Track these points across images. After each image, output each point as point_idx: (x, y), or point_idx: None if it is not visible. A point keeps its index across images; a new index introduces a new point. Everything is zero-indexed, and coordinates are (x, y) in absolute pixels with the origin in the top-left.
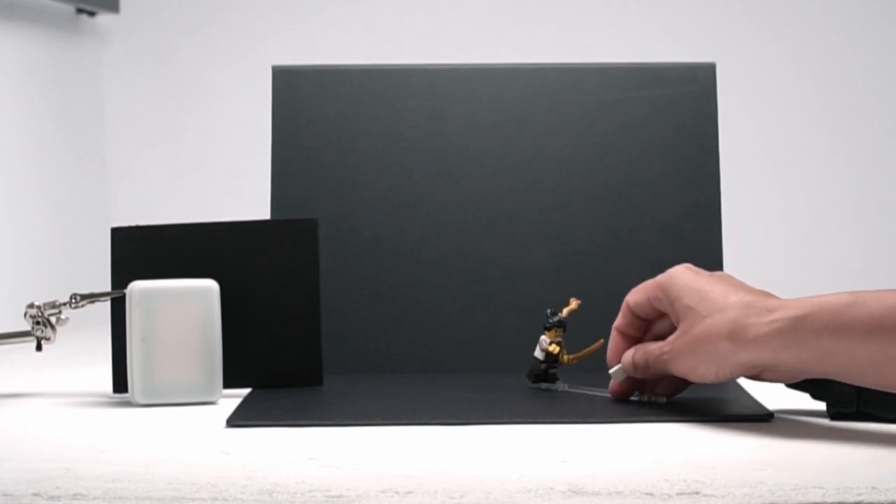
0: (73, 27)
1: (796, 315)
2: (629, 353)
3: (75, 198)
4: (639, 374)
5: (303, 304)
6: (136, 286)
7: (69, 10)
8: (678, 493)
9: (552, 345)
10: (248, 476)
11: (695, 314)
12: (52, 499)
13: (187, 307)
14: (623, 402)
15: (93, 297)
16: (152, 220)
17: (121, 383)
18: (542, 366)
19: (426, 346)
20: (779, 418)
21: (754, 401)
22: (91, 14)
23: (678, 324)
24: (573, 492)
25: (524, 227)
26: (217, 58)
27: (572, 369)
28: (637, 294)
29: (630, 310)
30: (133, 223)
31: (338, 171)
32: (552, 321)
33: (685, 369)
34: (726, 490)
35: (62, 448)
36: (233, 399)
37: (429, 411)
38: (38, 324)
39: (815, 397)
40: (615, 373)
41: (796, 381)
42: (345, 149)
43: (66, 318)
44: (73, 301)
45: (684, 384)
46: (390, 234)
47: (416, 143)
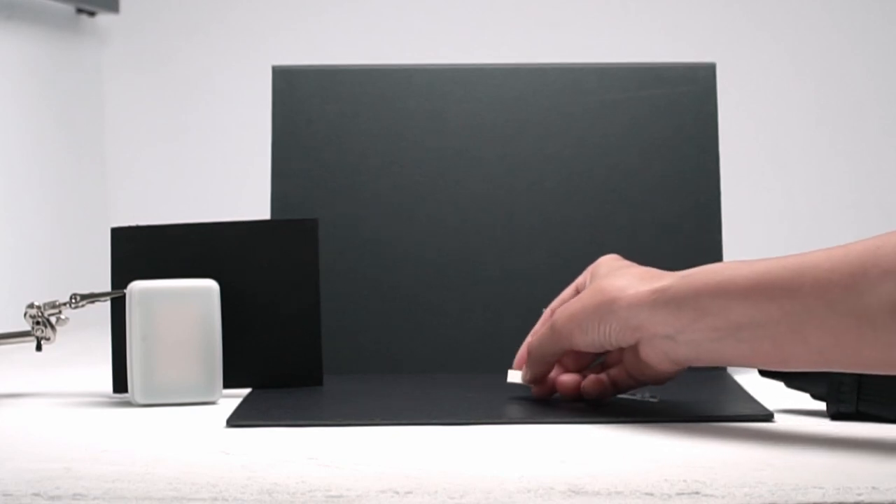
0: (73, 27)
1: (679, 275)
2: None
3: (75, 198)
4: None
5: (303, 304)
6: (136, 286)
7: (69, 10)
8: (678, 493)
9: None
10: (248, 476)
11: (596, 279)
12: (52, 499)
13: (187, 307)
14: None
15: (93, 297)
16: (152, 220)
17: (121, 383)
18: None
19: (426, 346)
20: (779, 418)
21: (754, 401)
22: (91, 14)
23: None
24: (573, 492)
25: (524, 227)
26: (217, 58)
27: None
28: (561, 297)
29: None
30: (133, 223)
31: (338, 171)
32: None
33: (572, 327)
34: (726, 490)
35: (62, 448)
36: (233, 399)
37: (429, 411)
38: (38, 324)
39: (815, 397)
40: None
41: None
42: (345, 149)
43: (66, 318)
44: (73, 301)
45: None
46: (390, 234)
47: (416, 143)
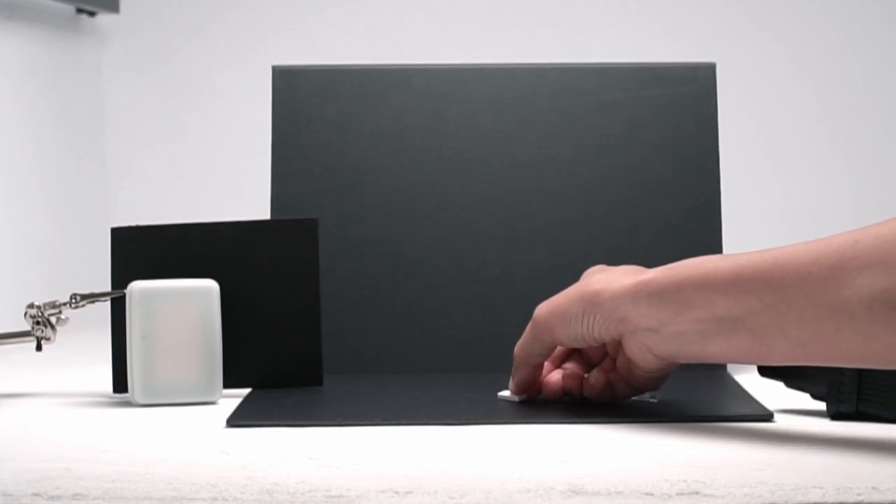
0: (73, 27)
1: (662, 269)
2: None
3: (75, 198)
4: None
5: (303, 304)
6: (136, 286)
7: (69, 10)
8: (678, 493)
9: None
10: (248, 476)
11: (582, 279)
12: (52, 499)
13: (187, 307)
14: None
15: (93, 297)
16: (152, 220)
17: (121, 383)
18: None
19: (426, 346)
20: (779, 418)
21: (754, 401)
22: (91, 14)
23: None
24: (573, 492)
25: (524, 227)
26: (217, 58)
27: None
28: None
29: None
30: (133, 223)
31: (338, 171)
32: None
33: (555, 321)
34: (726, 490)
35: (62, 448)
36: (233, 399)
37: (429, 411)
38: (38, 324)
39: (815, 397)
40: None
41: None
42: (345, 149)
43: (66, 318)
44: (73, 301)
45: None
46: (390, 234)
47: (416, 143)
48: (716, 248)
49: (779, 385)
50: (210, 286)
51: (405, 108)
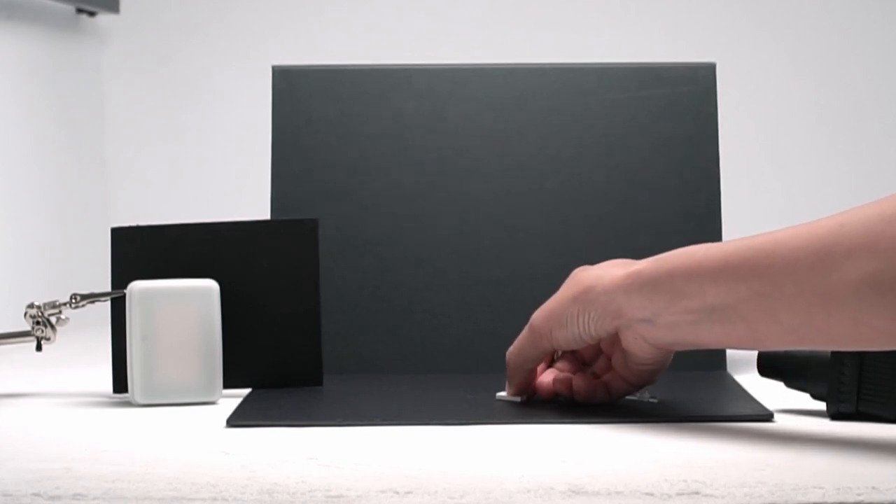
0: (73, 27)
1: (652, 259)
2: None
3: (75, 198)
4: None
5: (303, 304)
6: (136, 286)
7: (69, 10)
8: (678, 493)
9: None
10: (248, 476)
11: (571, 276)
12: (52, 499)
13: (187, 307)
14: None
15: (93, 297)
16: (152, 220)
17: (121, 383)
18: None
19: (426, 346)
20: (779, 418)
21: (754, 401)
22: (91, 14)
23: None
24: (573, 492)
25: (524, 228)
26: (217, 58)
27: None
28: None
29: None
30: (133, 223)
31: (338, 171)
32: None
33: (553, 324)
34: (726, 490)
35: (62, 448)
36: (233, 399)
37: (429, 411)
38: (38, 324)
39: (815, 397)
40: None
41: (668, 345)
42: (345, 149)
43: (66, 318)
44: (73, 301)
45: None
46: (390, 234)
47: (416, 142)
48: None
49: (779, 385)
50: (210, 286)
51: (405, 108)
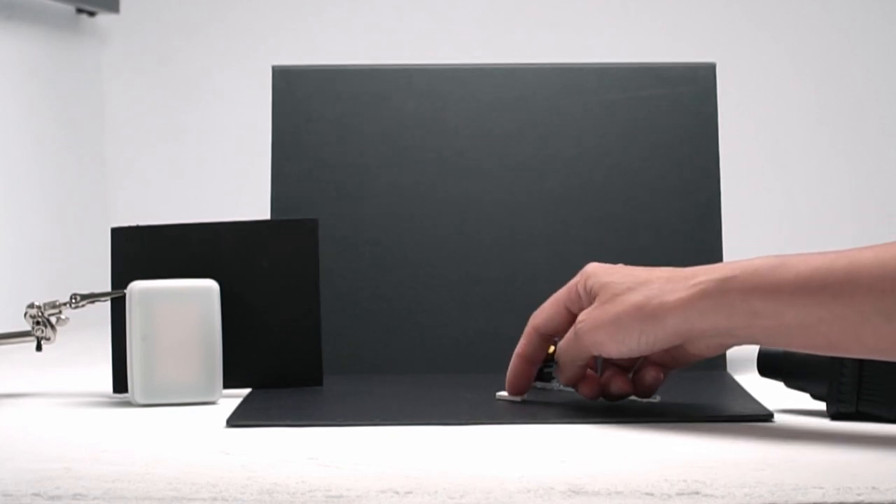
0: (73, 27)
1: (721, 277)
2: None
3: (75, 198)
4: (564, 377)
5: (303, 304)
6: (136, 286)
7: (69, 10)
8: (678, 493)
9: None
10: (248, 476)
11: (614, 286)
12: (52, 499)
13: (187, 307)
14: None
15: (93, 297)
16: (152, 220)
17: (121, 383)
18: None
19: (426, 346)
20: (779, 418)
21: (754, 401)
22: (91, 14)
23: (592, 302)
24: (573, 492)
25: (524, 228)
26: (217, 58)
27: None
28: (544, 312)
29: (537, 331)
30: (133, 223)
31: (338, 171)
32: None
33: (603, 338)
34: (726, 490)
35: (62, 448)
36: (233, 399)
37: (429, 411)
38: (38, 324)
39: (815, 397)
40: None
41: (720, 350)
42: (345, 149)
43: (66, 318)
44: (73, 301)
45: (657, 374)
46: (390, 234)
47: (416, 142)
48: (716, 248)
49: (779, 385)
50: (210, 286)
51: (405, 108)
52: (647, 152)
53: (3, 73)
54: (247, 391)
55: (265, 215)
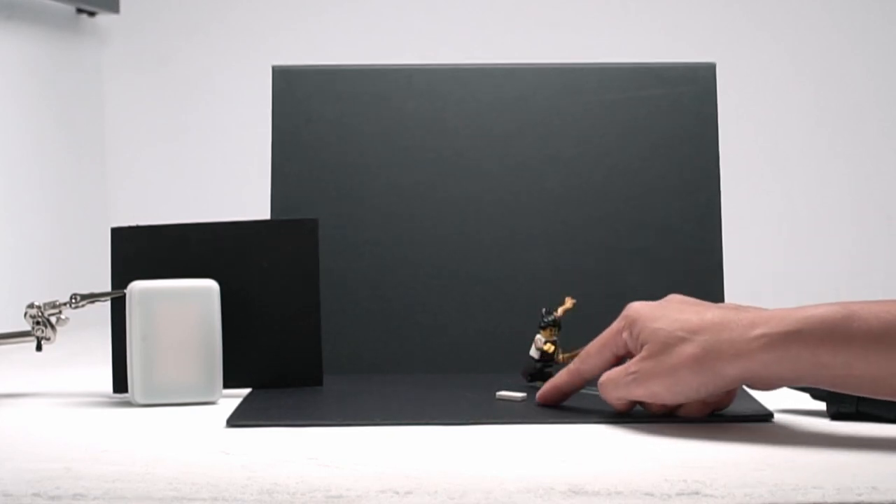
0: (73, 27)
1: (788, 330)
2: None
3: (75, 198)
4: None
5: (303, 304)
6: (136, 286)
7: (69, 10)
8: (678, 493)
9: (547, 344)
10: (248, 476)
11: (664, 335)
12: (52, 499)
13: (187, 307)
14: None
15: (93, 297)
16: (152, 220)
17: (121, 383)
18: (538, 364)
19: (426, 346)
20: (779, 418)
21: (754, 401)
22: (91, 14)
23: (640, 349)
24: (573, 492)
25: (524, 228)
26: (217, 58)
27: None
28: (591, 359)
29: (581, 376)
30: (133, 223)
31: (338, 171)
32: (547, 320)
33: (659, 390)
34: (726, 490)
35: (62, 448)
36: (233, 399)
37: (429, 411)
38: (38, 324)
39: (815, 397)
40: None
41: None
42: (345, 149)
43: (66, 318)
44: (73, 301)
45: (705, 408)
46: (390, 235)
47: (416, 142)
48: (716, 249)
49: None
50: (210, 286)
51: (405, 108)
52: (647, 152)
53: (3, 73)
54: (247, 391)
55: (265, 215)
